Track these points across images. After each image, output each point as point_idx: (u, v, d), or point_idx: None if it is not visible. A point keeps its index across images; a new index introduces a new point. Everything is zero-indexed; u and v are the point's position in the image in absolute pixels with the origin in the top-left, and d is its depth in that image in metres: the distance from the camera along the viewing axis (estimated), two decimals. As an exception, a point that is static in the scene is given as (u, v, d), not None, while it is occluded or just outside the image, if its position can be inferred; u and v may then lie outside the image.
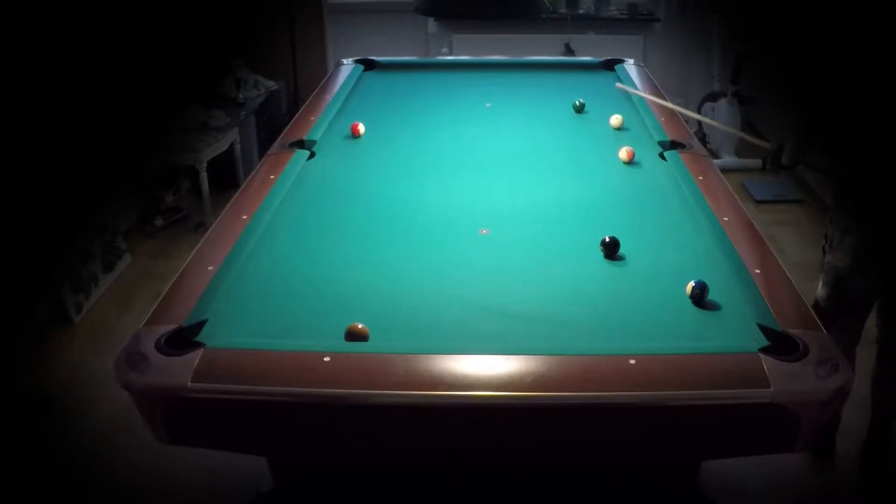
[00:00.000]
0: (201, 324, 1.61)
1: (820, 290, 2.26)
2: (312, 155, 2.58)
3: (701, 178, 2.32)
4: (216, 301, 1.71)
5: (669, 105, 2.83)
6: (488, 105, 3.13)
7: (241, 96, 4.57)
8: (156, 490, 2.41)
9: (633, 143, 2.60)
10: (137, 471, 2.46)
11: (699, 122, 5.01)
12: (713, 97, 4.94)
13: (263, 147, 3.90)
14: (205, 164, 3.97)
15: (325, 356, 1.49)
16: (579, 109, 3.02)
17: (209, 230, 2.04)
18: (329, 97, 3.10)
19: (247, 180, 2.37)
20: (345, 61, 3.62)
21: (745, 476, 2.45)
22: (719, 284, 1.76)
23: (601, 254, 1.94)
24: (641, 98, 3.07)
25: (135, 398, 1.47)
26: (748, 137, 2.72)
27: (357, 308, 1.71)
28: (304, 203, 2.26)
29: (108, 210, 3.71)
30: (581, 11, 5.19)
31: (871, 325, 2.33)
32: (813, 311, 1.67)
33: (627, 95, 3.18)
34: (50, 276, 3.20)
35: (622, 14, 5.21)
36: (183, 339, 1.54)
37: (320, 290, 1.80)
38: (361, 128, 2.77)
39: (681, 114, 2.84)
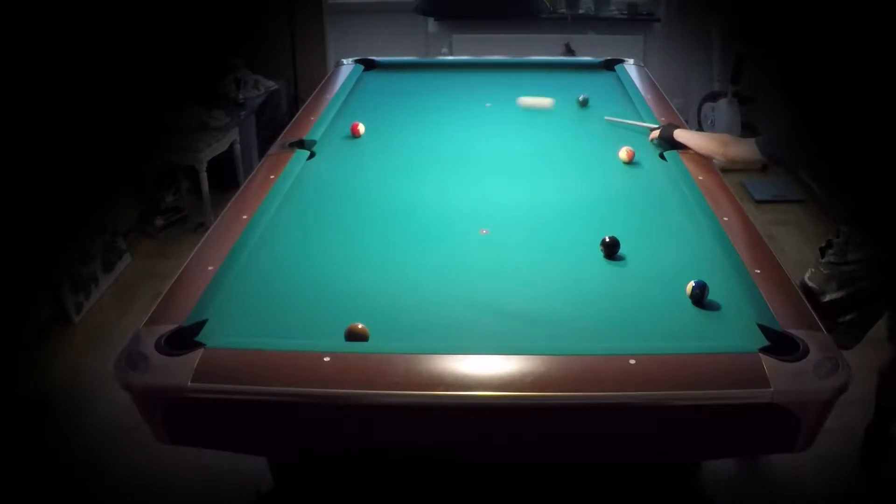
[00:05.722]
0: (201, 324, 1.61)
1: (831, 291, 2.24)
2: (312, 155, 2.58)
3: (701, 178, 2.32)
4: (216, 301, 1.71)
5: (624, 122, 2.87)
6: (488, 105, 3.13)
7: (241, 96, 4.57)
8: (156, 490, 2.41)
9: (633, 143, 2.60)
10: (137, 471, 2.46)
11: (699, 122, 5.03)
12: (713, 97, 4.95)
13: (263, 147, 3.90)
14: (205, 164, 3.97)
15: (325, 356, 1.48)
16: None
17: (209, 230, 2.03)
18: (329, 97, 3.10)
19: (247, 180, 2.37)
20: (345, 61, 3.62)
21: (746, 476, 2.45)
22: (719, 284, 1.76)
23: (601, 254, 1.94)
24: (641, 98, 3.07)
25: (135, 398, 1.47)
26: (641, 125, 2.77)
27: (357, 308, 1.71)
28: (304, 203, 2.26)
29: (108, 210, 3.71)
30: (581, 11, 5.19)
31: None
32: (812, 310, 1.67)
33: (626, 94, 3.19)
34: (50, 276, 3.21)
35: (622, 14, 5.21)
36: (183, 339, 1.54)
37: (320, 290, 1.80)
38: (361, 128, 2.77)
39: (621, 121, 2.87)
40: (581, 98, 3.06)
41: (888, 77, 2.06)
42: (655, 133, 2.64)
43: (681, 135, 2.53)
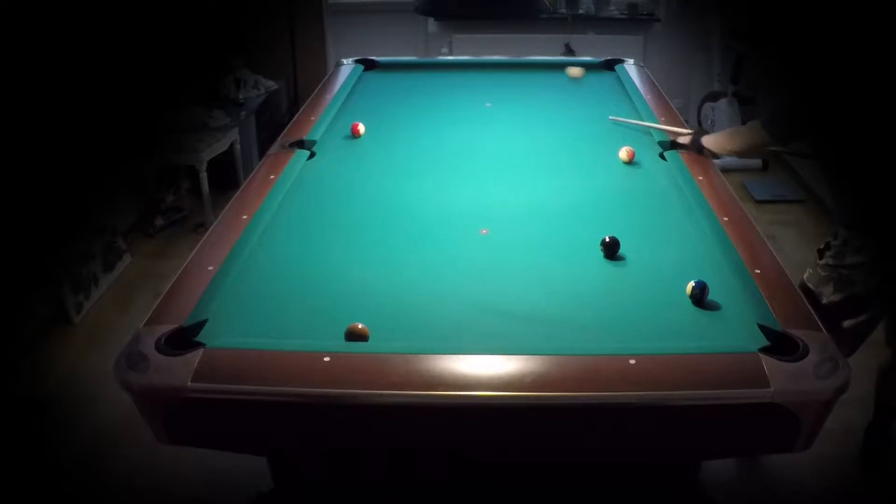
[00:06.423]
0: (201, 324, 1.61)
1: (828, 294, 2.23)
2: (312, 155, 2.58)
3: (701, 178, 2.32)
4: (216, 301, 1.71)
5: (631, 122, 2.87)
6: (488, 105, 3.13)
7: (241, 96, 4.57)
8: (156, 490, 2.41)
9: (633, 143, 2.60)
10: (137, 471, 2.46)
11: (699, 122, 5.03)
12: (713, 97, 4.95)
13: (263, 147, 3.90)
14: (205, 164, 3.96)
15: (325, 356, 1.49)
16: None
17: (209, 230, 2.04)
18: (329, 97, 3.10)
19: (247, 180, 2.37)
20: (345, 61, 3.62)
21: (746, 476, 2.45)
22: (719, 284, 1.76)
23: (601, 254, 1.94)
24: (641, 98, 3.07)
25: (135, 398, 1.47)
26: (668, 129, 2.73)
27: (357, 308, 1.71)
28: (304, 203, 2.26)
29: (108, 210, 3.71)
30: (581, 11, 5.19)
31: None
32: (814, 312, 1.67)
33: (626, 93, 3.19)
34: (50, 276, 3.20)
35: (622, 14, 5.21)
36: (183, 339, 1.54)
37: (320, 290, 1.80)
38: (361, 128, 2.77)
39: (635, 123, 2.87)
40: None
41: (888, 77, 2.06)
42: (686, 139, 2.59)
43: (708, 140, 2.51)
